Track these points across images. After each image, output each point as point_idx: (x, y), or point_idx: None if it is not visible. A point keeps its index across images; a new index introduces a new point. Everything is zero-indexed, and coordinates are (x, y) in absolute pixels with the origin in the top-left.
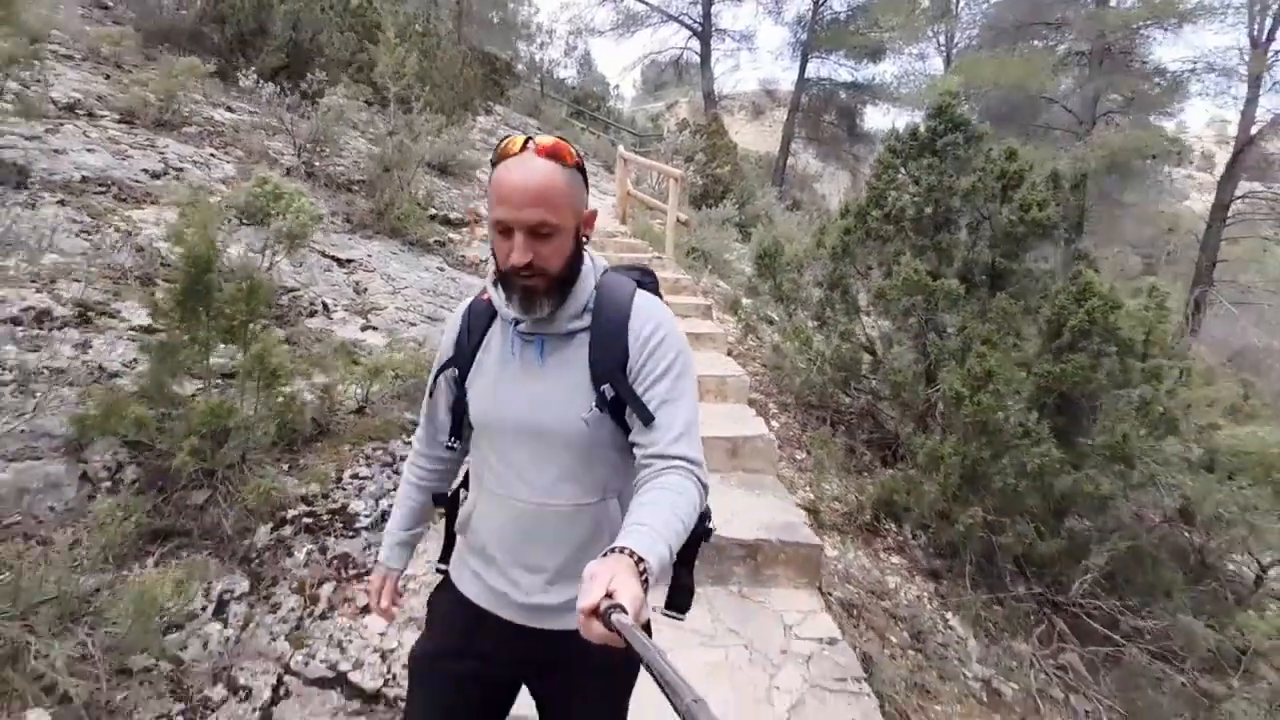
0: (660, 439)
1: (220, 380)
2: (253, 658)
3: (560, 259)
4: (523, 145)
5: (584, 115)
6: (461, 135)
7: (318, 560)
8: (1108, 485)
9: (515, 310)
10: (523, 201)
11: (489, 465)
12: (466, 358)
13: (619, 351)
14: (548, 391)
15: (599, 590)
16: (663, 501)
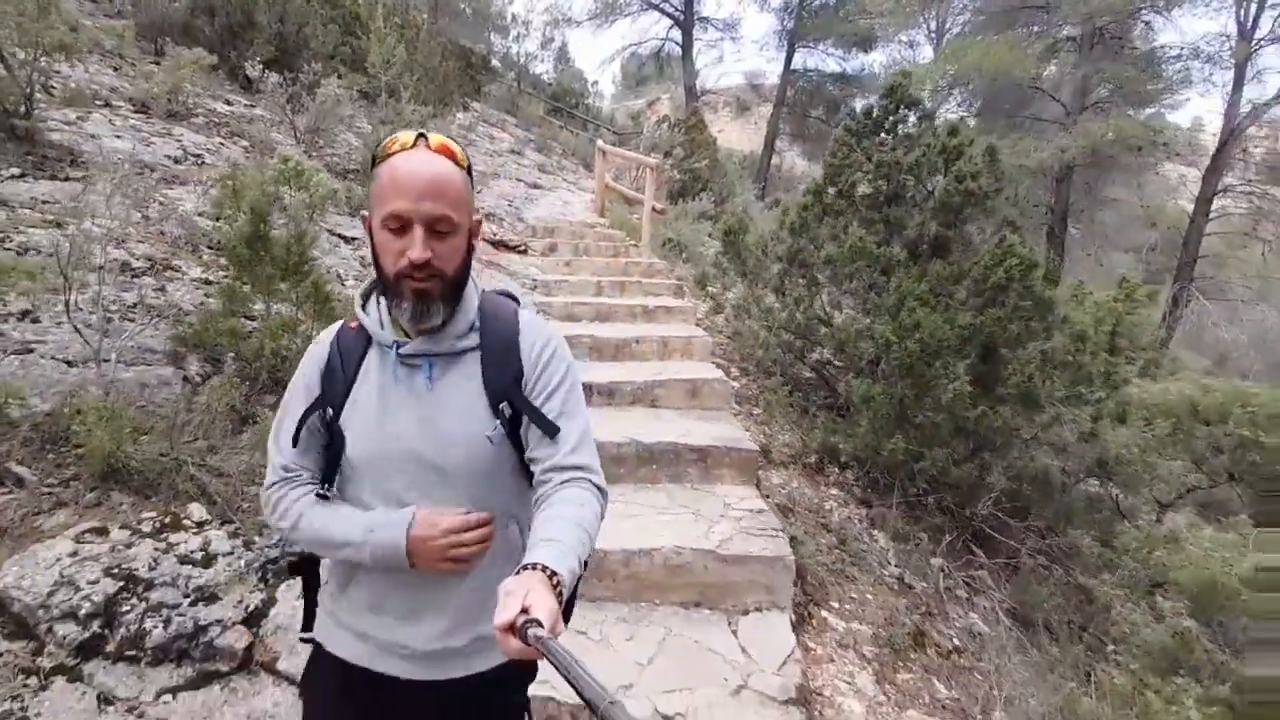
0: (558, 451)
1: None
2: None
3: (456, 260)
4: (414, 141)
5: (562, 112)
6: (445, 128)
7: None
8: (1011, 419)
9: (407, 319)
10: (423, 193)
11: (372, 508)
12: (339, 394)
13: (514, 368)
14: (443, 417)
15: (515, 606)
16: (568, 515)
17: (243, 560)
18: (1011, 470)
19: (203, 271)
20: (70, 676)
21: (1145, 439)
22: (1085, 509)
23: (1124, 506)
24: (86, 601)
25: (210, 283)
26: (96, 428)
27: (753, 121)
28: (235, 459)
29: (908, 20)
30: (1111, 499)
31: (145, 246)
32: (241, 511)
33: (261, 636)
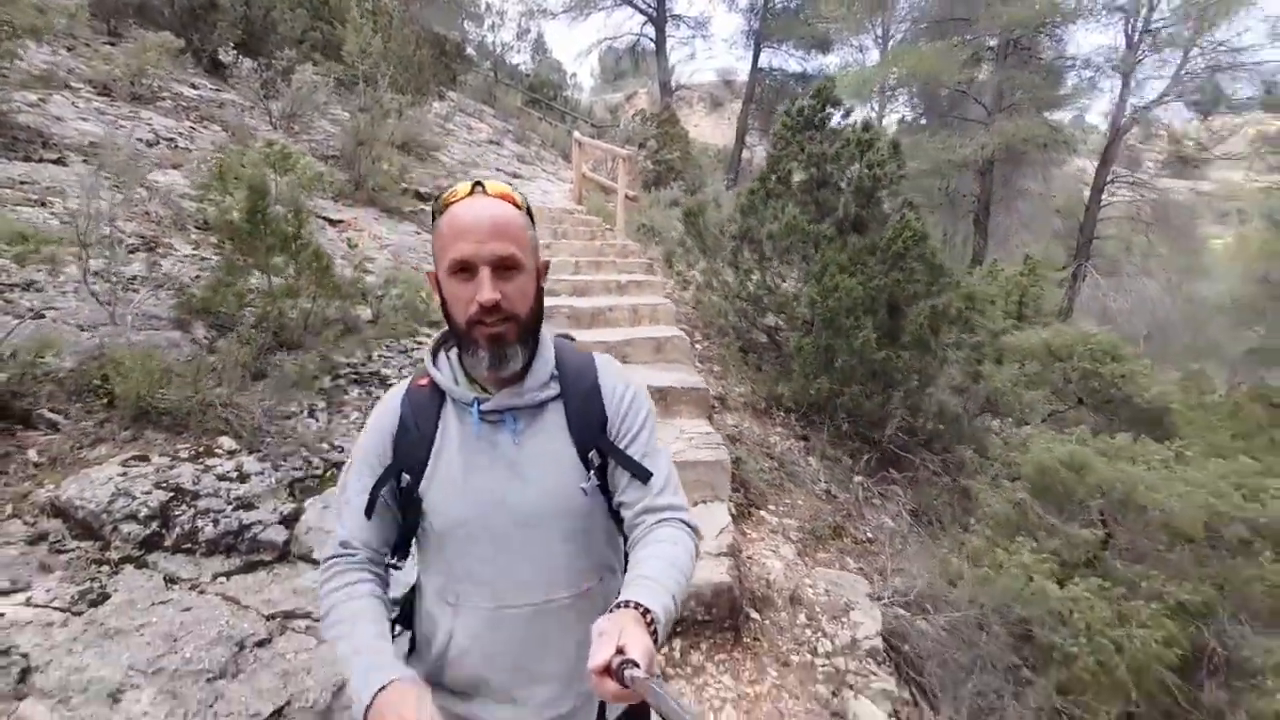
0: (649, 493)
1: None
2: (340, 437)
3: (527, 302)
4: (471, 189)
5: (540, 104)
6: (421, 116)
7: (365, 395)
8: (910, 361)
9: (485, 367)
10: (486, 234)
11: (466, 577)
12: (417, 458)
13: (598, 414)
14: (533, 473)
15: (609, 647)
16: (662, 555)
17: (273, 478)
18: (911, 402)
19: (193, 249)
20: (137, 564)
21: (1017, 376)
22: (974, 434)
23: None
24: (143, 507)
25: (203, 258)
26: (132, 373)
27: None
28: (255, 402)
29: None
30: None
31: (134, 225)
32: (266, 443)
33: (295, 535)
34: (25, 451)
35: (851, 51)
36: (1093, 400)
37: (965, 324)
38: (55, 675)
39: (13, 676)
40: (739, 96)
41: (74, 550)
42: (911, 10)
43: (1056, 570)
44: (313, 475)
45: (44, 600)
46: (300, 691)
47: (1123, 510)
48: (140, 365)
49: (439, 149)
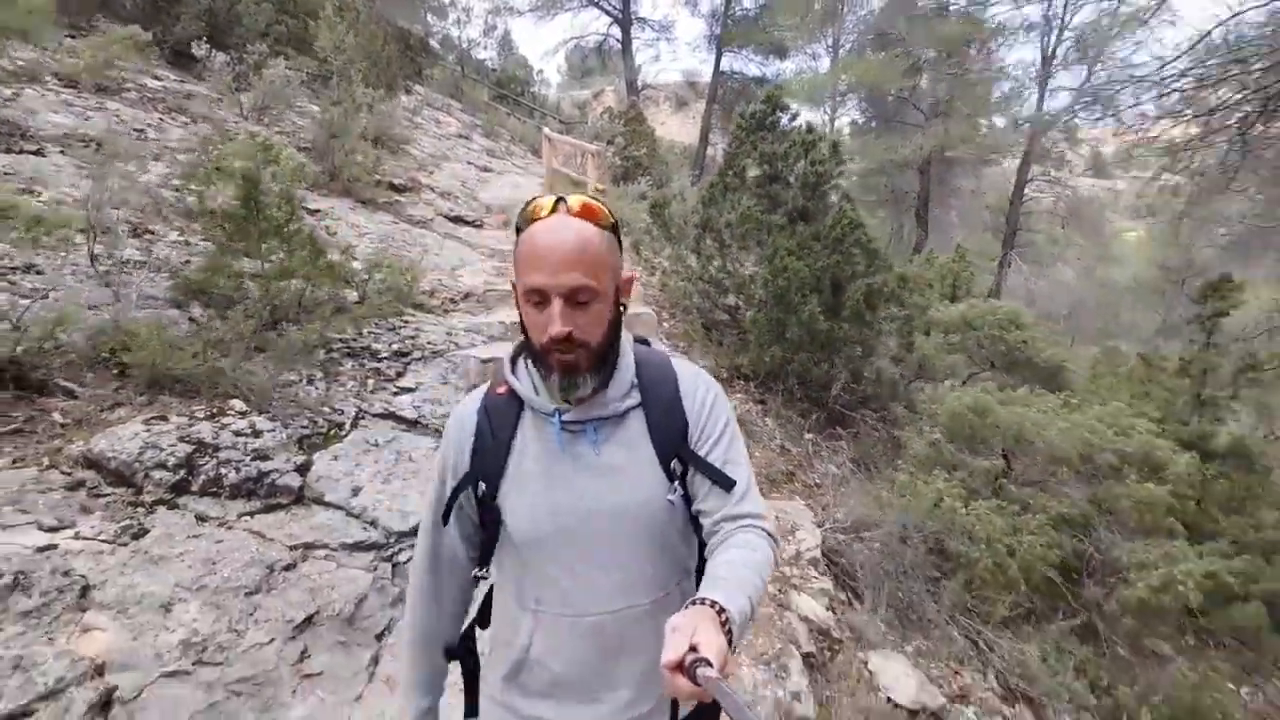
0: (729, 500)
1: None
2: (339, 402)
3: (601, 329)
4: (553, 207)
5: (508, 99)
6: (392, 110)
7: (359, 366)
8: (849, 332)
9: (554, 392)
10: (560, 265)
11: (546, 585)
12: (495, 469)
13: (679, 422)
14: (616, 483)
15: (683, 643)
16: (739, 559)
17: (283, 435)
18: (853, 367)
19: (179, 235)
20: (169, 506)
21: (941, 344)
22: (907, 394)
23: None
24: (170, 457)
25: (189, 244)
26: (149, 343)
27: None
28: (260, 371)
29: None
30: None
31: (120, 213)
32: (273, 406)
33: (308, 482)
34: (49, 414)
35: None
36: (1002, 362)
37: (898, 301)
38: (112, 592)
39: (75, 592)
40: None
41: (110, 495)
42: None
43: (964, 495)
44: (318, 433)
45: (90, 534)
46: (327, 603)
47: (1017, 445)
48: (156, 336)
49: (409, 142)
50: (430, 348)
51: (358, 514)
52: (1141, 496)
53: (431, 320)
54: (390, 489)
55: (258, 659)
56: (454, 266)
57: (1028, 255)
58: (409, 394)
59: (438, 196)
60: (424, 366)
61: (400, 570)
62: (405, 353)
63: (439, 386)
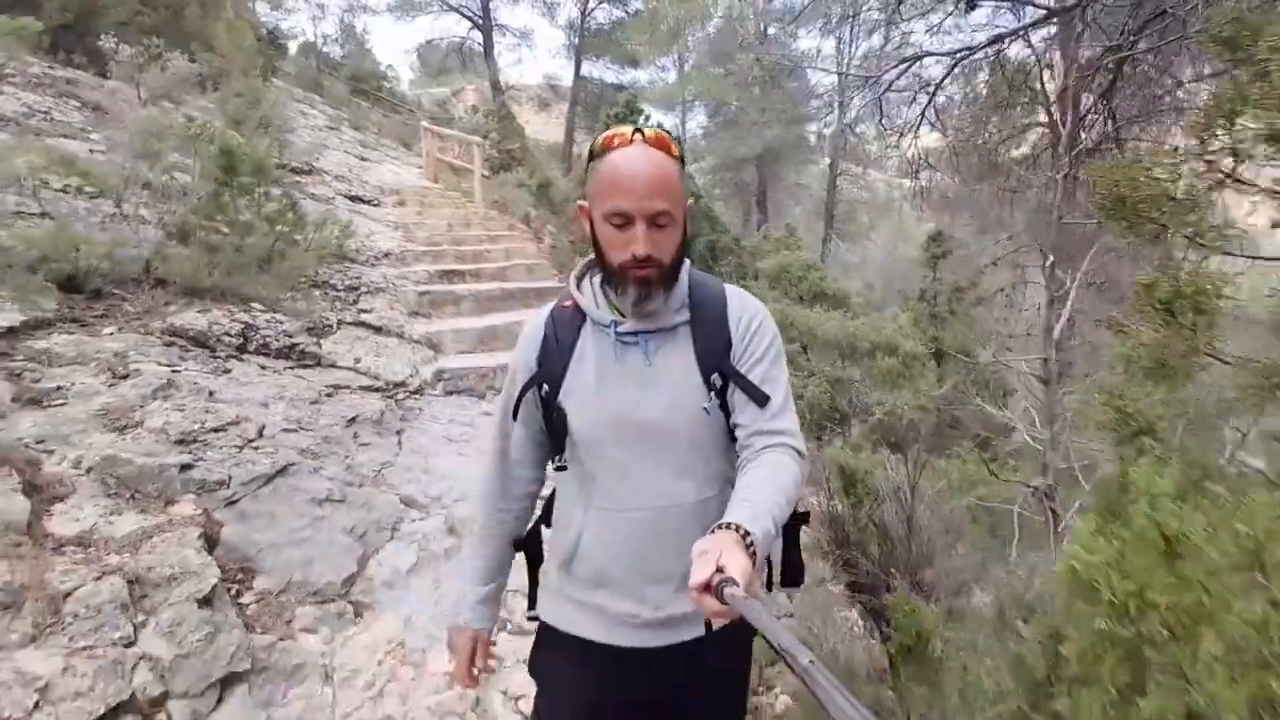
0: (763, 416)
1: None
2: (322, 313)
3: (674, 248)
4: (633, 134)
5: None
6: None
7: (325, 295)
8: None
9: (630, 304)
10: (646, 191)
11: (597, 481)
12: (557, 372)
13: (723, 339)
14: (660, 389)
15: (709, 566)
16: (765, 477)
17: (297, 324)
18: None
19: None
20: (238, 359)
21: (766, 285)
22: None
23: None
24: (230, 331)
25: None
26: (187, 262)
27: (554, 116)
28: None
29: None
30: None
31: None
32: (282, 308)
33: (323, 353)
34: (123, 306)
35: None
36: (807, 296)
37: (735, 254)
38: (228, 394)
39: (205, 394)
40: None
41: (195, 352)
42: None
43: None
44: (317, 327)
45: (195, 370)
46: (361, 412)
47: (809, 337)
48: (189, 257)
49: (292, 131)
50: (373, 285)
51: (363, 372)
52: (884, 366)
53: (366, 269)
54: (380, 361)
55: (329, 432)
56: (369, 234)
57: (845, 234)
58: (368, 313)
59: (332, 179)
60: (372, 297)
61: (401, 403)
62: (355, 287)
63: (387, 309)
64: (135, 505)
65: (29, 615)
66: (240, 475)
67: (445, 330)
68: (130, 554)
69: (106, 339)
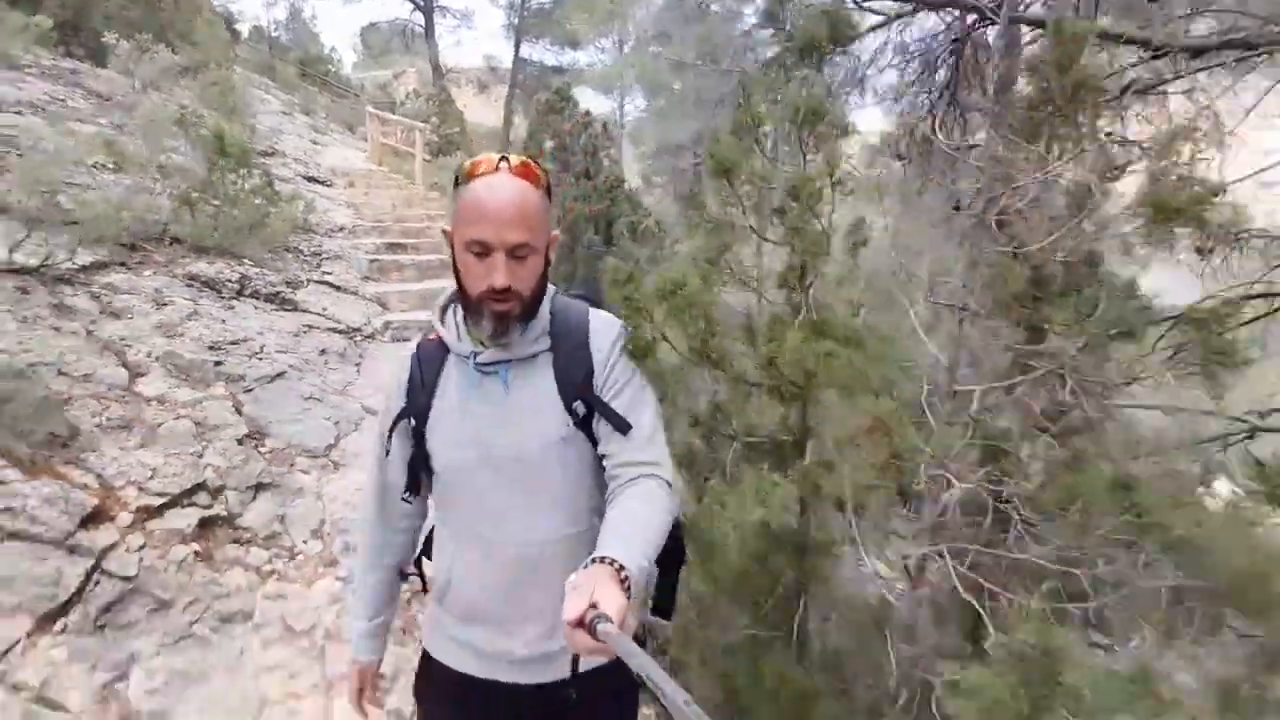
0: (629, 446)
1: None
2: (294, 272)
3: (534, 281)
4: (498, 163)
5: (314, 79)
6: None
7: (295, 258)
8: (618, 253)
9: (486, 336)
10: (505, 221)
11: (465, 514)
12: (422, 405)
13: (584, 367)
14: (519, 419)
15: (583, 601)
16: (638, 511)
17: (278, 277)
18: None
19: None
20: (239, 299)
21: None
22: None
23: None
24: (231, 278)
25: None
26: (198, 224)
27: (493, 99)
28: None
29: (597, 33)
30: None
31: None
32: (266, 265)
33: (299, 300)
34: (153, 256)
35: (597, 51)
36: None
37: (657, 237)
38: (234, 322)
39: (221, 321)
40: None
41: (208, 293)
42: (638, 27)
43: None
44: (295, 282)
45: (210, 304)
46: (329, 347)
47: None
48: (195, 223)
49: (255, 116)
50: (332, 252)
51: (329, 317)
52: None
53: (325, 239)
54: (342, 310)
55: (308, 356)
56: (325, 210)
57: None
58: (330, 275)
59: (292, 161)
60: (332, 263)
61: (358, 343)
62: (318, 254)
63: (345, 273)
64: (188, 383)
65: (137, 434)
66: (252, 374)
67: (392, 291)
68: (191, 409)
69: (147, 279)
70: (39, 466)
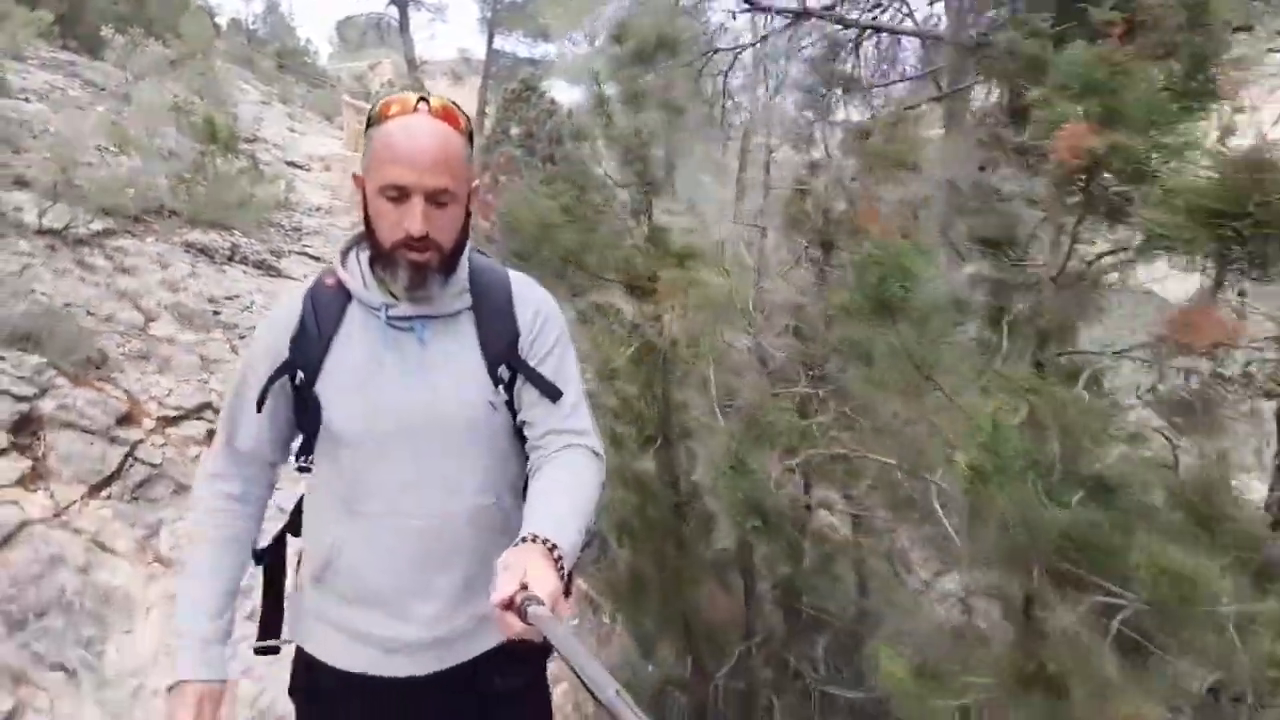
0: (556, 414)
1: None
2: (277, 244)
3: (454, 231)
4: (416, 103)
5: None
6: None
7: (277, 231)
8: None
9: (402, 288)
10: (426, 164)
11: (361, 483)
12: (314, 358)
13: (510, 330)
14: (440, 381)
15: (514, 582)
16: (566, 483)
17: (264, 248)
18: None
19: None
20: (229, 265)
21: None
22: None
23: None
24: (223, 247)
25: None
26: (197, 199)
27: (467, 90)
28: (242, 222)
29: (568, 28)
30: None
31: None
32: (252, 235)
33: (281, 267)
34: (151, 225)
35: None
36: None
37: None
38: (227, 282)
39: (215, 280)
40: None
41: (203, 258)
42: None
43: None
44: (279, 252)
45: (206, 267)
46: None
47: None
48: (194, 197)
49: (237, 105)
50: (311, 229)
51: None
52: None
53: (304, 217)
54: None
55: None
56: (304, 192)
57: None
58: (310, 247)
59: (272, 147)
60: (311, 237)
61: None
62: (299, 229)
63: (323, 246)
64: (192, 328)
65: (154, 363)
66: (245, 323)
67: None
68: (197, 348)
69: (150, 245)
70: (81, 380)
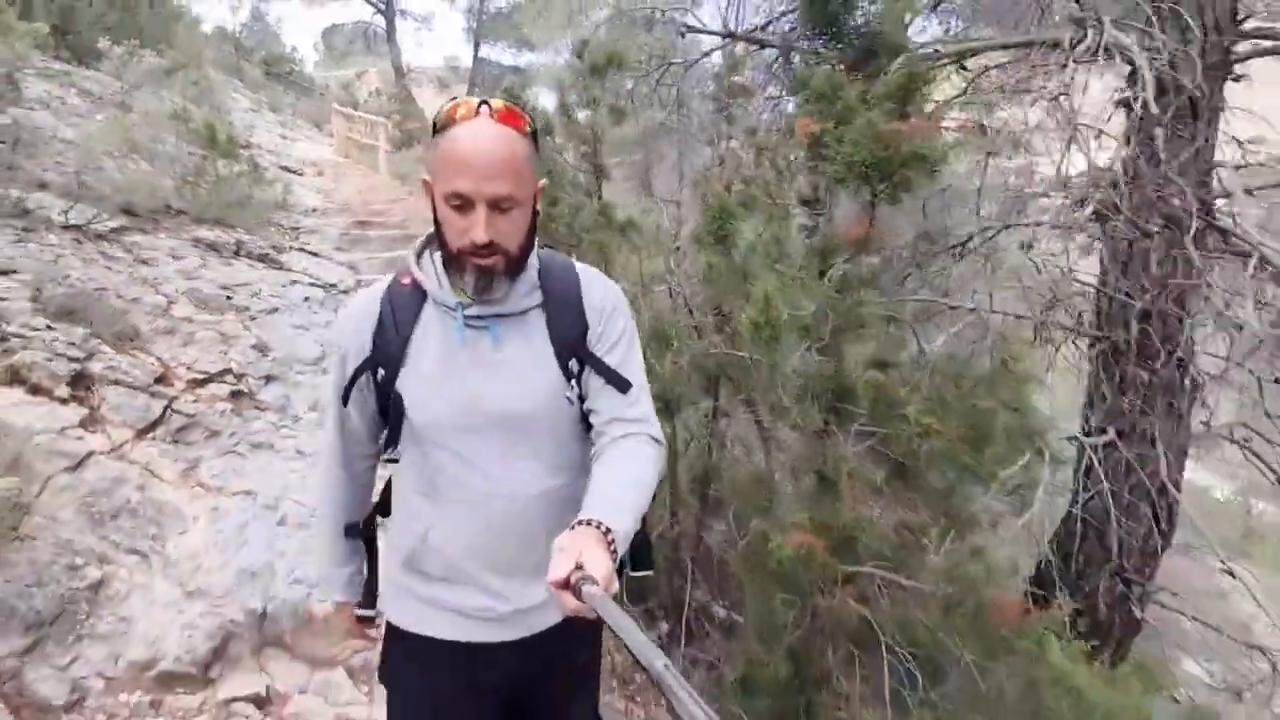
0: (620, 403)
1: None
2: (278, 241)
3: (519, 236)
4: (478, 107)
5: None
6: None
7: (279, 230)
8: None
9: (469, 293)
10: (488, 172)
11: (444, 473)
12: (394, 355)
13: (579, 324)
14: (513, 377)
15: (569, 562)
16: (626, 470)
17: (266, 244)
18: None
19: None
20: (235, 258)
21: None
22: None
23: None
24: (229, 243)
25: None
26: (200, 196)
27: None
28: (245, 220)
29: (551, 38)
30: None
31: None
32: (256, 234)
33: (283, 261)
34: (160, 223)
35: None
36: None
37: None
38: (234, 274)
39: (224, 272)
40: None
41: (211, 254)
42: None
43: None
44: (280, 248)
45: (214, 261)
46: (312, 296)
47: None
48: (198, 198)
49: (229, 112)
50: (308, 228)
51: (310, 275)
52: None
53: (301, 217)
54: (320, 271)
55: (294, 301)
56: (299, 195)
57: None
58: (308, 245)
59: (266, 152)
60: (308, 235)
61: (334, 295)
62: (296, 228)
63: (320, 243)
64: (208, 310)
65: (179, 338)
66: (255, 307)
67: (361, 259)
68: (215, 327)
69: (162, 240)
70: (121, 349)
